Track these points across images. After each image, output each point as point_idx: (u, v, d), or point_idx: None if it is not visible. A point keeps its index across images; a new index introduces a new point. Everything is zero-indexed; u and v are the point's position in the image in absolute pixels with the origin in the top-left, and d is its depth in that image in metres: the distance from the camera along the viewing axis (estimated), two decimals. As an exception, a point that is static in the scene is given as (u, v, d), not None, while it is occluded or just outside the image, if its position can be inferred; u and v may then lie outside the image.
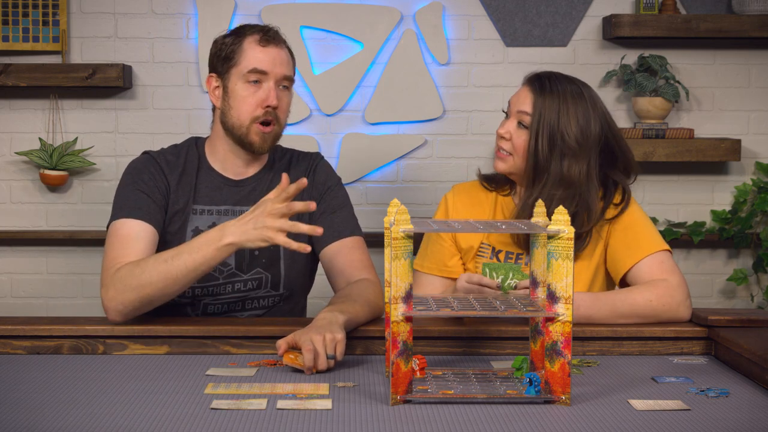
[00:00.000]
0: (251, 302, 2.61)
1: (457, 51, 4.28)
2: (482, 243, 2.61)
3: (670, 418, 1.85)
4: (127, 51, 4.24)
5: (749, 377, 2.13)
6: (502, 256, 2.59)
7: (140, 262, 2.38)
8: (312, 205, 2.26)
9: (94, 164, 4.25)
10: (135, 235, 2.48)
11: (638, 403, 1.93)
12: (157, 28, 4.24)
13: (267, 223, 2.25)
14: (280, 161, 2.68)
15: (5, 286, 4.30)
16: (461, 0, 4.27)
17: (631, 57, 4.27)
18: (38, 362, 2.23)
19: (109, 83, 4.09)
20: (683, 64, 4.32)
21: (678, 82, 4.22)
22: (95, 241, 4.27)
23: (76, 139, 4.24)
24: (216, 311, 2.60)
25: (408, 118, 4.30)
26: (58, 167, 4.18)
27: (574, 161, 2.50)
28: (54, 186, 4.26)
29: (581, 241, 2.53)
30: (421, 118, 4.30)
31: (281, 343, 2.16)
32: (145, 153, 2.64)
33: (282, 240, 2.24)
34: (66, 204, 4.29)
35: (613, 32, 4.16)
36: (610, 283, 2.63)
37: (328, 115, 4.29)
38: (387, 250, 1.95)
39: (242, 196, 2.61)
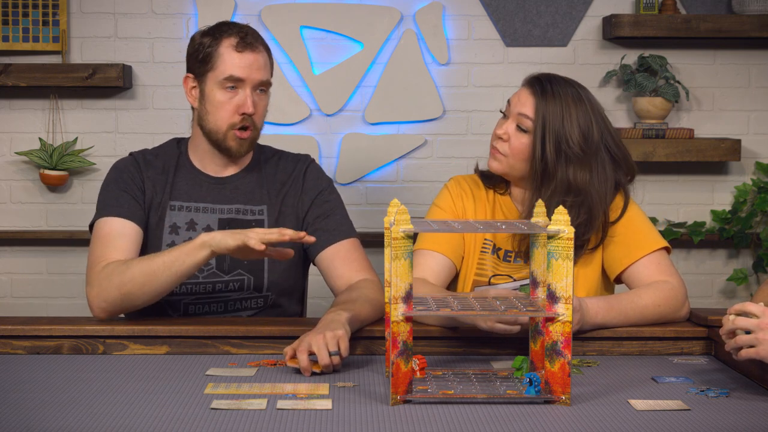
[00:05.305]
0: (233, 304, 2.59)
1: (457, 51, 4.28)
2: (485, 239, 2.60)
3: (670, 418, 1.85)
4: (127, 51, 4.24)
5: (749, 377, 2.13)
6: (501, 254, 2.59)
7: (126, 261, 2.43)
8: (291, 251, 2.35)
9: (94, 164, 4.25)
10: (117, 232, 2.51)
11: (638, 403, 1.93)
12: (157, 28, 4.24)
13: (246, 233, 2.29)
14: (267, 162, 2.67)
15: (5, 286, 4.30)
16: (461, 0, 4.26)
17: (631, 57, 4.27)
18: (38, 362, 2.23)
19: (109, 83, 4.09)
20: (683, 64, 4.32)
21: (678, 82, 4.22)
22: (95, 241, 4.27)
23: (76, 139, 4.24)
24: (197, 312, 2.58)
25: (408, 118, 4.29)
26: (58, 167, 4.18)
27: (579, 168, 2.48)
28: (54, 186, 4.26)
29: (586, 245, 2.52)
30: (421, 118, 4.30)
31: (288, 350, 2.15)
32: (130, 154, 2.68)
33: (253, 241, 2.26)
34: (66, 204, 4.29)
35: (613, 32, 4.16)
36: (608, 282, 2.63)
37: (328, 115, 4.29)
38: (387, 250, 1.95)
39: (224, 194, 2.60)
